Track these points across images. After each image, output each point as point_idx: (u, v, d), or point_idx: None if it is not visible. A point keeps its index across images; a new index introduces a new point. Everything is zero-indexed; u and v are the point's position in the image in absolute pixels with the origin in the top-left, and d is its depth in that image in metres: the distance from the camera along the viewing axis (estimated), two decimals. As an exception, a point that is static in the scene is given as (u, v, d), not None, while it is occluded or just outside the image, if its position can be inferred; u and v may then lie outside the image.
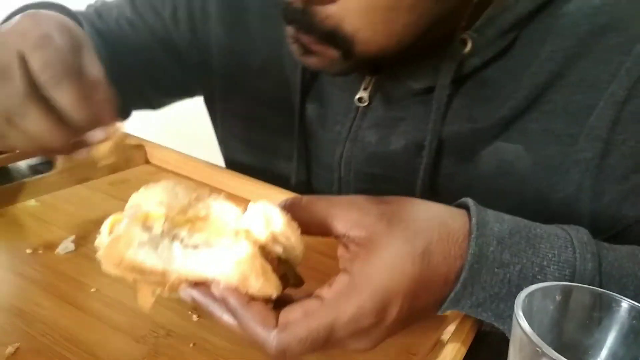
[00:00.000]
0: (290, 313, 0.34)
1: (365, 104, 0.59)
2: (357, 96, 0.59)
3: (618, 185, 0.50)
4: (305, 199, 0.38)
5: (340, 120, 0.61)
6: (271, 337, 0.33)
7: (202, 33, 0.71)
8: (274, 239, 0.34)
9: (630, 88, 0.47)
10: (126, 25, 0.74)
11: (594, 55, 0.49)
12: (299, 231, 0.35)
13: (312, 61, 0.50)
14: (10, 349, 0.37)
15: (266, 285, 0.33)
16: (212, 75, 0.73)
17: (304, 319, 0.33)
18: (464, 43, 0.50)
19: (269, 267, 0.33)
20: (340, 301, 0.34)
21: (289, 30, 0.49)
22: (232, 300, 0.33)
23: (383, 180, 0.56)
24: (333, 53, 0.47)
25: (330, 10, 0.44)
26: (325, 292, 0.35)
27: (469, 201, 0.41)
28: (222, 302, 0.34)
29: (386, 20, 0.44)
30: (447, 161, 0.56)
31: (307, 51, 0.49)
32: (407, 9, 0.43)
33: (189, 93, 0.82)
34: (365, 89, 0.58)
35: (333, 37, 0.45)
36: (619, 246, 0.43)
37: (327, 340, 0.33)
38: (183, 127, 1.62)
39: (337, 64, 0.49)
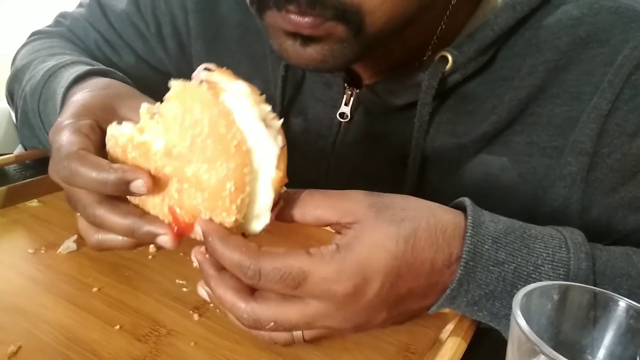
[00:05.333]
0: (275, 248, 0.36)
1: (347, 119, 0.59)
2: (339, 111, 0.59)
3: (606, 198, 0.50)
4: (304, 192, 0.40)
5: (324, 135, 0.61)
6: (250, 258, 0.35)
7: (189, 49, 0.70)
8: None
9: (613, 100, 0.47)
10: (107, 48, 0.72)
11: (575, 67, 0.49)
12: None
13: (311, 52, 0.45)
14: (12, 348, 0.37)
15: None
16: None
17: (285, 254, 0.35)
18: (445, 60, 0.50)
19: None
20: (323, 259, 0.36)
21: (282, 24, 0.44)
22: (214, 236, 0.36)
23: None
24: (342, 30, 0.43)
25: None
26: (313, 249, 0.37)
27: (466, 201, 0.41)
28: (203, 236, 0.36)
29: None
30: (431, 176, 0.56)
31: (307, 39, 0.45)
32: None
33: None
34: (346, 104, 0.58)
35: (340, 8, 0.41)
36: (613, 247, 0.43)
37: (298, 285, 0.35)
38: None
39: (341, 49, 0.45)
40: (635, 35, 0.47)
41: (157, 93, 0.52)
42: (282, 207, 0.39)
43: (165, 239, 0.38)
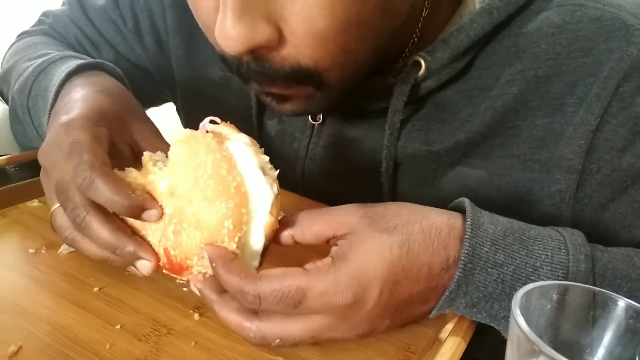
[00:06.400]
0: (272, 270, 0.37)
1: (320, 121, 0.58)
2: None
3: (596, 215, 0.49)
4: (301, 213, 0.41)
5: (298, 137, 0.61)
6: (249, 284, 0.36)
7: (167, 45, 0.70)
8: None
9: (601, 114, 0.45)
10: (87, 43, 0.72)
11: (557, 78, 0.47)
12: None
13: (290, 107, 0.47)
14: (13, 348, 0.37)
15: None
16: (175, 87, 0.72)
17: (282, 275, 0.36)
18: (418, 65, 0.49)
19: None
20: (320, 273, 0.36)
21: (254, 88, 0.46)
22: (218, 262, 0.37)
23: (346, 199, 0.53)
24: (306, 90, 0.45)
25: (283, 52, 0.41)
26: (309, 265, 0.37)
27: (466, 202, 0.41)
28: (208, 260, 0.37)
29: (340, 43, 0.41)
30: (406, 186, 0.55)
31: (281, 99, 0.47)
32: (356, 28, 0.41)
33: (160, 102, 0.81)
34: None
35: (298, 74, 0.42)
36: (614, 248, 0.43)
37: (298, 303, 0.35)
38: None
39: (314, 100, 0.46)
40: (621, 45, 0.45)
41: (137, 89, 0.53)
42: (281, 230, 0.40)
43: (146, 264, 0.40)
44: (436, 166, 0.54)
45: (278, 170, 0.39)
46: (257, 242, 0.39)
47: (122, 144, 0.46)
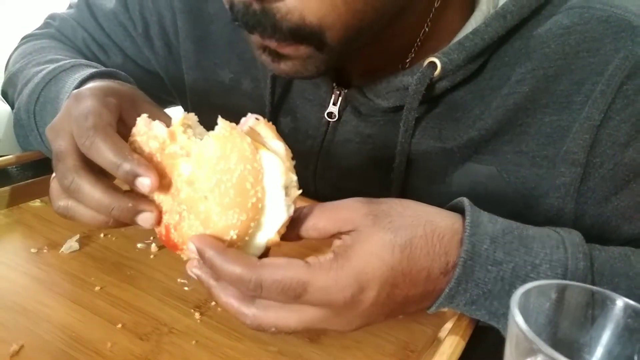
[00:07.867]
0: (274, 259, 0.36)
1: (335, 119, 0.59)
2: (327, 111, 0.59)
3: (599, 208, 0.50)
4: (304, 209, 0.40)
5: (312, 134, 0.61)
6: (251, 271, 0.35)
7: (176, 48, 0.70)
8: None
9: (606, 110, 0.47)
10: (95, 47, 0.72)
11: (565, 77, 0.49)
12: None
13: (284, 67, 0.47)
14: (14, 347, 0.38)
15: None
16: (185, 90, 0.72)
17: (285, 265, 0.36)
18: (434, 66, 0.50)
19: None
20: (321, 269, 0.36)
21: (255, 39, 0.46)
22: (212, 251, 0.36)
23: (357, 196, 0.53)
24: (305, 50, 0.44)
25: (289, 4, 0.41)
26: (311, 259, 0.37)
27: (465, 201, 0.41)
28: (201, 253, 0.37)
29: (348, 0, 0.41)
30: (418, 182, 0.56)
31: (278, 57, 0.46)
32: None
33: (167, 106, 0.81)
34: (334, 104, 0.58)
35: (300, 31, 0.42)
36: (611, 247, 0.43)
37: (298, 296, 0.35)
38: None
39: (311, 62, 0.46)
40: (626, 45, 0.47)
41: (145, 92, 0.53)
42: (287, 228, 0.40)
43: (149, 216, 0.39)
44: (447, 163, 0.55)
45: (300, 190, 0.38)
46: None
47: (131, 122, 0.45)
